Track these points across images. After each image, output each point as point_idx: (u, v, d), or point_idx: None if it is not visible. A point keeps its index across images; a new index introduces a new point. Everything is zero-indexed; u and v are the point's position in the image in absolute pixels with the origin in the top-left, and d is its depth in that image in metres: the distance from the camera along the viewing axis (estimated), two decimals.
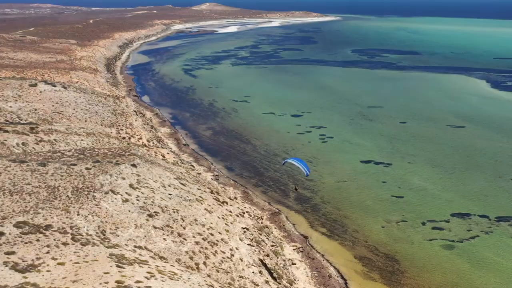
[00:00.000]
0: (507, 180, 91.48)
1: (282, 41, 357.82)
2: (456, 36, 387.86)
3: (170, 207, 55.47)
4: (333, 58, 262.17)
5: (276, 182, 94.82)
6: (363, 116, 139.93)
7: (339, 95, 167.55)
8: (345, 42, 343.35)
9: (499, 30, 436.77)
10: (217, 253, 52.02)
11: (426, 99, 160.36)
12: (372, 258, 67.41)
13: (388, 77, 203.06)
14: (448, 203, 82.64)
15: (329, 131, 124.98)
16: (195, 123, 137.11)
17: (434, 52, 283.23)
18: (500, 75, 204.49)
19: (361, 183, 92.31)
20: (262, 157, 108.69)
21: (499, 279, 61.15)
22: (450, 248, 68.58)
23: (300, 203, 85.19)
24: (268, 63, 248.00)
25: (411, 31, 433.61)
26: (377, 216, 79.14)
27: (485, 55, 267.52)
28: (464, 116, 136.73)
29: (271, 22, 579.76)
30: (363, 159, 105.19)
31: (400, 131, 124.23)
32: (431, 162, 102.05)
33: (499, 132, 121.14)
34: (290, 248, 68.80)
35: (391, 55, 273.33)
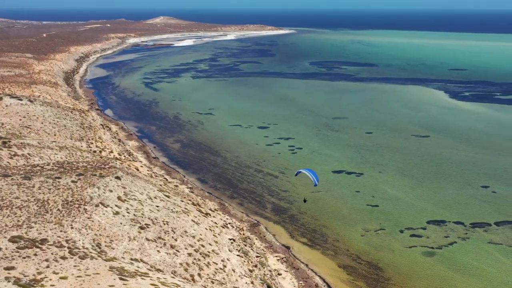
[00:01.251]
0: (476, 188, 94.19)
1: (239, 54, 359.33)
2: (409, 48, 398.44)
3: (160, 219, 54.83)
4: (292, 71, 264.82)
5: (251, 193, 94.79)
6: (328, 127, 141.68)
7: (303, 107, 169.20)
8: (302, 54, 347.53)
9: (450, 43, 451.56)
10: (210, 265, 51.65)
11: (388, 110, 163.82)
12: (355, 266, 68.09)
13: (348, 88, 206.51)
14: (423, 211, 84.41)
15: (298, 142, 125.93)
16: (162, 136, 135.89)
17: (390, 64, 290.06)
18: (456, 85, 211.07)
19: (335, 193, 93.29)
20: (234, 169, 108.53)
21: (482, 285, 62.75)
22: (431, 255, 69.98)
23: (278, 214, 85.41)
24: (228, 75, 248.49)
25: (365, 43, 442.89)
26: (355, 225, 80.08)
27: (440, 66, 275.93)
28: (427, 126, 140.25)
29: (227, 35, 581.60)
30: (334, 169, 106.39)
31: (367, 142, 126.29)
32: (400, 172, 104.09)
33: (462, 142, 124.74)
34: (274, 259, 68.84)
35: (349, 67, 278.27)
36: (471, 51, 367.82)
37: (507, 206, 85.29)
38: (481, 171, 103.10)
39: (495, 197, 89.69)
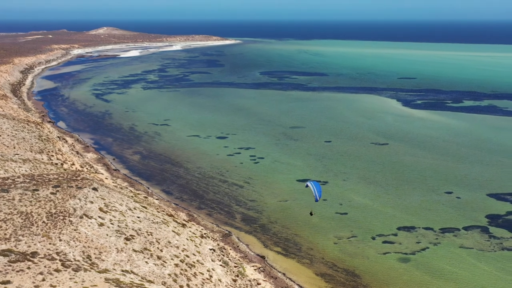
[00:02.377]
0: (440, 194, 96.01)
1: (188, 64, 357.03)
2: (356, 57, 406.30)
3: (143, 229, 53.20)
4: (243, 81, 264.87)
5: (219, 204, 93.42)
6: (287, 136, 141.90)
7: (259, 117, 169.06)
8: (251, 64, 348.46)
9: (396, 52, 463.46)
10: (197, 275, 50.39)
11: (344, 118, 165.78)
12: (333, 274, 67.81)
13: (302, 98, 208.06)
14: (392, 217, 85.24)
15: (259, 152, 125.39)
16: (120, 147, 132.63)
17: (339, 73, 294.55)
18: (407, 94, 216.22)
19: (303, 202, 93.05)
20: (198, 179, 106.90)
21: (458, 287, 63.55)
22: (406, 261, 70.51)
23: (249, 224, 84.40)
24: (180, 86, 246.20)
25: (312, 53, 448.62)
26: (327, 233, 79.98)
27: (389, 75, 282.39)
28: (384, 134, 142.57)
29: (172, 46, 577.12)
30: (299, 178, 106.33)
31: (327, 150, 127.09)
32: (364, 179, 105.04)
33: (421, 149, 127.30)
34: (251, 269, 67.72)
35: (299, 76, 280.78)
36: (418, 60, 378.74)
37: (473, 211, 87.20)
38: (443, 178, 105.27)
39: (460, 202, 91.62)
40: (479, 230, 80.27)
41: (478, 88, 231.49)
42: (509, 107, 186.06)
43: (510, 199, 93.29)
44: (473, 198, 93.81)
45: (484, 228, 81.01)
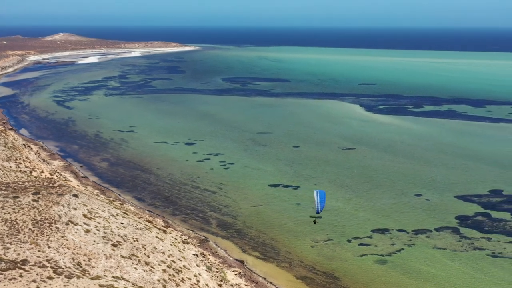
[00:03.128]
0: (410, 196, 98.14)
1: (149, 70, 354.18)
2: (317, 64, 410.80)
3: (129, 235, 52.81)
4: (206, 87, 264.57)
5: (193, 210, 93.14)
6: (255, 142, 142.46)
7: (226, 123, 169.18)
8: (212, 71, 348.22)
9: (354, 58, 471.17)
10: (185, 280, 50.36)
11: (310, 124, 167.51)
12: (313, 277, 68.51)
13: (266, 104, 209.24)
14: (365, 220, 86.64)
15: (228, 158, 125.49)
16: (86, 155, 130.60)
17: (301, 79, 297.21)
18: (369, 99, 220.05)
19: (277, 207, 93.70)
20: (170, 186, 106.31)
21: (436, 287, 65.11)
22: (383, 263, 71.82)
23: (225, 229, 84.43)
24: (142, 92, 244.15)
25: (272, 59, 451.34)
26: (303, 237, 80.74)
27: (350, 81, 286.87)
28: (350, 139, 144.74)
29: (131, 52, 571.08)
30: (270, 183, 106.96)
31: (296, 155, 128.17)
32: (335, 183, 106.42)
33: (387, 153, 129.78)
34: (232, 274, 67.77)
35: (262, 82, 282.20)
36: (377, 66, 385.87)
37: (442, 213, 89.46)
38: (411, 181, 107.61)
39: (429, 204, 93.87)
40: (450, 231, 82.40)
41: (437, 94, 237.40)
42: (468, 112, 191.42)
43: (476, 200, 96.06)
44: (441, 200, 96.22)
45: (455, 229, 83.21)
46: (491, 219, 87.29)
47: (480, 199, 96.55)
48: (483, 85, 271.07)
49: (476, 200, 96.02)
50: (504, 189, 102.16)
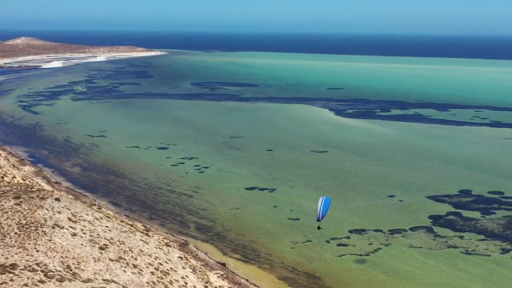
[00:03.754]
0: (384, 198, 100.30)
1: (116, 75, 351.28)
2: (285, 69, 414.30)
3: (115, 239, 52.89)
4: (175, 92, 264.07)
5: (170, 214, 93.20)
6: (229, 146, 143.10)
7: (198, 127, 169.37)
8: (181, 76, 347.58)
9: (322, 63, 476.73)
10: (173, 282, 50.74)
11: (281, 127, 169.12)
12: (295, 278, 69.52)
13: (237, 108, 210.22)
14: (342, 221, 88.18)
15: (202, 162, 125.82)
16: (57, 160, 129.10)
17: (270, 84, 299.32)
18: (338, 103, 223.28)
19: (254, 209, 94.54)
20: (145, 190, 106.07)
21: (415, 285, 67.02)
22: (362, 262, 73.37)
23: (204, 233, 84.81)
24: (111, 97, 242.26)
25: (240, 65, 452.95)
26: (283, 239, 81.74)
27: (318, 86, 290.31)
28: (322, 142, 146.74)
29: (96, 57, 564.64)
30: (246, 186, 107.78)
31: (270, 159, 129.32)
32: (310, 186, 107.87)
33: (359, 156, 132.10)
34: (215, 276, 68.23)
35: (231, 87, 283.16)
36: (343, 72, 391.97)
37: (416, 213, 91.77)
38: (383, 182, 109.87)
39: (403, 205, 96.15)
40: (425, 230, 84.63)
41: (403, 98, 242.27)
42: (433, 115, 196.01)
43: (447, 200, 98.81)
44: (414, 200, 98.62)
45: (429, 228, 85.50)
46: (463, 218, 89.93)
47: (451, 199, 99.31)
48: (447, 89, 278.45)
49: (447, 200, 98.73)
50: (473, 189, 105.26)
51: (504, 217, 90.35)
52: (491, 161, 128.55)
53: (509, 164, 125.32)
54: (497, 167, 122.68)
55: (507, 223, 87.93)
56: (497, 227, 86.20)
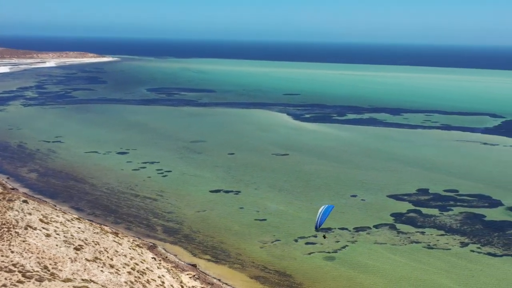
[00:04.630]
0: (346, 197, 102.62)
1: (67, 81, 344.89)
2: (241, 75, 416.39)
3: (89, 239, 52.68)
4: (131, 97, 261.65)
5: (136, 217, 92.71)
6: (190, 150, 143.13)
7: (157, 132, 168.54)
8: (135, 81, 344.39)
9: (277, 70, 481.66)
10: (150, 282, 50.87)
11: (242, 132, 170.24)
12: (266, 276, 70.46)
13: (195, 113, 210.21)
14: (308, 221, 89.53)
15: (164, 166, 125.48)
16: (12, 166, 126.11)
17: (227, 90, 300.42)
18: (295, 108, 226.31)
19: (221, 211, 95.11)
20: (108, 195, 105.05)
21: (383, 280, 69.02)
22: (331, 259, 75.04)
23: (172, 235, 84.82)
24: (64, 103, 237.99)
25: (195, 71, 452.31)
26: (251, 239, 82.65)
27: (275, 91, 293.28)
28: (283, 145, 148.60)
29: (45, 62, 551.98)
30: (211, 189, 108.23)
31: (232, 162, 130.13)
32: (274, 188, 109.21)
33: (319, 158, 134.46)
34: (187, 277, 68.41)
35: (188, 93, 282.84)
36: (299, 78, 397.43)
37: (378, 211, 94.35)
38: (345, 183, 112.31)
39: (365, 204, 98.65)
40: (388, 227, 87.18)
41: (358, 103, 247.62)
42: (387, 119, 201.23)
43: (407, 199, 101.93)
44: (375, 200, 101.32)
45: (392, 225, 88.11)
46: (423, 215, 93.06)
47: (410, 198, 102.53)
48: (399, 95, 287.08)
49: (407, 199, 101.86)
50: (430, 188, 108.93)
51: (461, 213, 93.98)
52: (445, 161, 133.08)
53: (461, 164, 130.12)
54: (451, 167, 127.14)
55: (464, 218, 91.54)
56: (455, 222, 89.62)
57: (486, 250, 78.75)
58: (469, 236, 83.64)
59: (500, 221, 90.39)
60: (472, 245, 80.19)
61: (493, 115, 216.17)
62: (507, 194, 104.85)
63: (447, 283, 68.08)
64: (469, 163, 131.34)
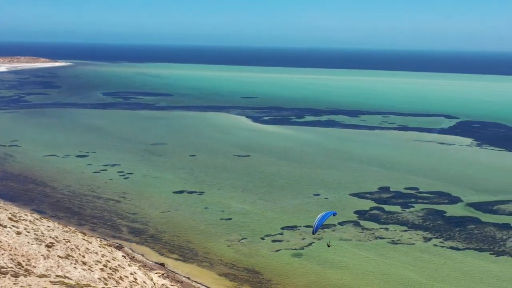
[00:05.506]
0: (310, 196, 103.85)
1: (20, 86, 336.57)
2: (196, 79, 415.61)
3: (60, 237, 51.93)
4: (87, 101, 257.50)
5: (100, 219, 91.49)
6: (151, 152, 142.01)
7: (116, 135, 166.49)
8: (90, 86, 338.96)
9: (234, 74, 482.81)
10: (123, 278, 50.46)
11: (202, 134, 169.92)
12: (235, 273, 70.67)
13: (153, 116, 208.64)
14: (273, 219, 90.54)
15: (126, 168, 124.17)
16: None
17: (184, 93, 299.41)
18: (254, 111, 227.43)
19: (185, 212, 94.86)
20: (70, 197, 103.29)
21: (350, 274, 70.26)
22: (298, 256, 75.86)
23: (137, 236, 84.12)
24: (18, 107, 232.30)
25: (151, 75, 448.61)
26: (218, 238, 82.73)
27: (231, 95, 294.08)
28: (244, 147, 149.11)
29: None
30: (174, 190, 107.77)
31: (194, 164, 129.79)
32: (238, 188, 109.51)
33: (281, 159, 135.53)
34: (156, 276, 67.77)
35: (145, 97, 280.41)
36: (255, 82, 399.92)
37: (342, 209, 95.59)
38: (308, 183, 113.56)
39: (329, 202, 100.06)
40: (352, 224, 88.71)
41: (315, 105, 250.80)
42: (345, 121, 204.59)
43: (369, 197, 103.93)
44: (338, 198, 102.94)
45: (356, 222, 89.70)
46: (385, 212, 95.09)
47: (373, 196, 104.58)
48: (355, 97, 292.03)
49: (369, 197, 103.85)
50: (391, 186, 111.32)
51: (422, 210, 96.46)
52: (404, 161, 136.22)
53: (420, 163, 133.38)
54: (410, 166, 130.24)
55: (425, 214, 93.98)
56: (417, 218, 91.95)
57: (448, 244, 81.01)
58: (432, 231, 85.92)
59: (460, 217, 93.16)
60: (435, 240, 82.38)
61: (448, 116, 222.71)
62: (465, 191, 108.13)
63: (413, 277, 69.80)
64: (427, 162, 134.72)
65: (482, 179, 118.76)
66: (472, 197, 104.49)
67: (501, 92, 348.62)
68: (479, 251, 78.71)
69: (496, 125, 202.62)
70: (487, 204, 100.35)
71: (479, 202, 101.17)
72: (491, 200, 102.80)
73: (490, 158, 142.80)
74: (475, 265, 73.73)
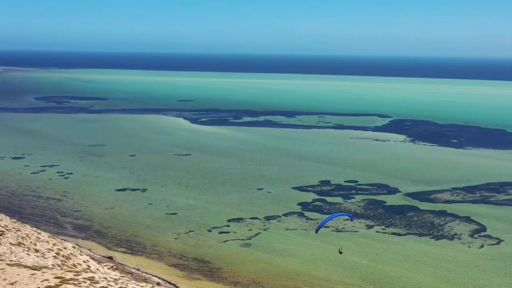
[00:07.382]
0: (254, 191, 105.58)
1: None
2: (130, 84, 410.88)
3: (10, 226, 51.07)
4: (19, 106, 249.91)
5: (42, 217, 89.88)
6: (89, 153, 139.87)
7: (52, 138, 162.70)
8: (21, 91, 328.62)
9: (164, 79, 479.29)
10: (77, 265, 50.30)
11: (141, 135, 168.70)
12: (185, 263, 71.24)
13: (89, 119, 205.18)
14: (219, 213, 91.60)
15: (64, 169, 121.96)
16: None
17: (118, 97, 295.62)
18: (191, 113, 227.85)
19: (130, 208, 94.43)
20: (9, 197, 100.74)
21: (298, 261, 72.22)
22: (246, 245, 77.24)
23: (82, 231, 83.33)
24: None
25: (83, 80, 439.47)
26: (165, 231, 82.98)
27: (168, 98, 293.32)
28: (184, 147, 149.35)
29: None
30: (117, 188, 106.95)
31: (135, 163, 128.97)
32: (180, 185, 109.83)
33: (221, 157, 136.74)
34: (105, 268, 67.34)
35: (79, 101, 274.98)
36: (191, 86, 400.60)
37: (285, 202, 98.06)
38: (250, 179, 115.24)
39: (273, 196, 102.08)
40: (296, 215, 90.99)
41: (252, 107, 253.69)
42: (282, 121, 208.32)
43: (311, 190, 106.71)
44: (281, 192, 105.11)
45: (300, 213, 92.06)
46: (328, 203, 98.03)
47: (314, 189, 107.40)
48: (290, 100, 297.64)
49: (311, 190, 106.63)
50: (331, 180, 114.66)
51: (363, 200, 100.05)
52: (341, 156, 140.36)
53: (358, 158, 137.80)
54: (348, 161, 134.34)
55: (366, 204, 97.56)
56: (359, 208, 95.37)
57: (390, 230, 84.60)
58: (373, 219, 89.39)
59: (400, 205, 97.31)
60: (377, 227, 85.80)
61: (380, 115, 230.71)
62: (402, 183, 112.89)
63: (359, 260, 72.60)
64: (364, 157, 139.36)
65: (417, 171, 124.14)
66: (409, 188, 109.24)
67: (432, 94, 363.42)
68: (420, 235, 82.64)
69: (428, 122, 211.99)
70: (423, 193, 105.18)
71: (416, 192, 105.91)
72: (427, 190, 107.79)
73: (423, 152, 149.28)
74: (416, 249, 77.40)
